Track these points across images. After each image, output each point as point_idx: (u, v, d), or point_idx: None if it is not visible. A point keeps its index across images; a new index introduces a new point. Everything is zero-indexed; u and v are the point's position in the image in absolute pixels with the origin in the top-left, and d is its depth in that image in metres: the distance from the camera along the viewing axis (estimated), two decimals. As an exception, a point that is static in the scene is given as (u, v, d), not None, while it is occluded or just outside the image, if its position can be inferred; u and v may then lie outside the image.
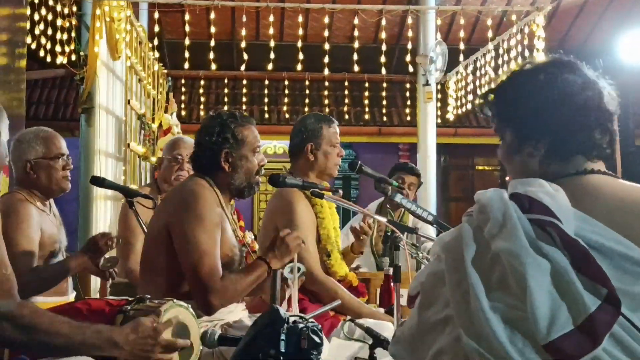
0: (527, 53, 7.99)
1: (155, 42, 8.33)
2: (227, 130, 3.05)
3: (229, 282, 2.89)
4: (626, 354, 1.47)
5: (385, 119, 12.75)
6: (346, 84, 12.38)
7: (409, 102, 11.95)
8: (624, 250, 1.52)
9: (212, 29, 8.01)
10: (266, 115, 12.42)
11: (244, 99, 12.12)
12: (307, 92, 12.04)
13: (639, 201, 1.63)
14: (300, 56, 7.79)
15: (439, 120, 10.51)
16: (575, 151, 1.71)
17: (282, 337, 1.81)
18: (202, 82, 11.89)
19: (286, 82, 12.34)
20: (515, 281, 1.50)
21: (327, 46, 8.18)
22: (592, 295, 1.46)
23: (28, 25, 5.82)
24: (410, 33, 9.21)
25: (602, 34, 12.19)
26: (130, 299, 2.39)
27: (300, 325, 1.84)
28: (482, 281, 1.54)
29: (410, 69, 9.33)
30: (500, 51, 8.59)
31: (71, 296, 3.55)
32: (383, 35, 8.38)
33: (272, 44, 7.74)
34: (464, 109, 10.60)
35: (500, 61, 8.64)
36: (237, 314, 3.02)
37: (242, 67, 8.45)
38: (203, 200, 2.94)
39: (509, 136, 1.78)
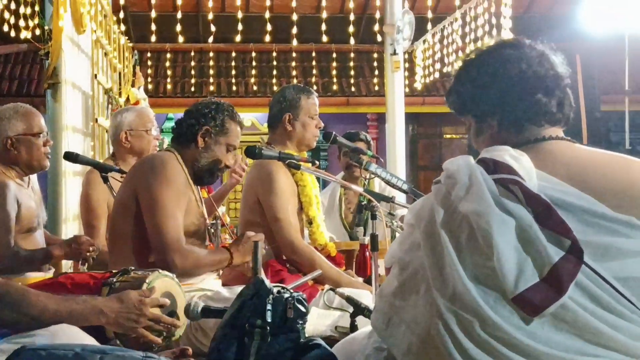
0: (494, 20, 8.01)
1: (121, 15, 8.20)
2: (220, 114, 3.13)
3: (192, 251, 2.95)
4: (592, 301, 1.55)
5: (353, 89, 12.73)
6: (314, 54, 12.33)
7: (376, 72, 11.94)
8: (585, 204, 1.60)
9: (178, 1, 7.92)
10: (234, 88, 12.33)
11: (211, 72, 12.04)
12: (275, 63, 11.97)
13: (595, 161, 1.72)
14: (268, 27, 7.72)
15: (407, 90, 10.51)
16: (524, 120, 1.81)
17: (268, 307, 1.82)
18: (168, 55, 11.77)
19: (253, 54, 12.26)
20: (483, 240, 1.58)
21: (294, 17, 8.11)
22: (556, 247, 1.55)
23: (-9, 0, 5.71)
24: (377, 2, 9.17)
25: (567, 0, 12.23)
26: (114, 271, 2.39)
27: (286, 295, 1.85)
28: (452, 243, 1.63)
29: (378, 38, 9.31)
30: (468, 19, 8.59)
31: (49, 272, 3.52)
32: (350, 4, 8.34)
33: (239, 15, 7.66)
34: (431, 78, 10.61)
35: (467, 29, 8.65)
36: (210, 282, 3.06)
37: (210, 40, 8.36)
38: (170, 167, 3.01)
39: (471, 123, 1.91)
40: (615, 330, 1.54)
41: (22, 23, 6.70)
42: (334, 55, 11.86)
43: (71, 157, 3.97)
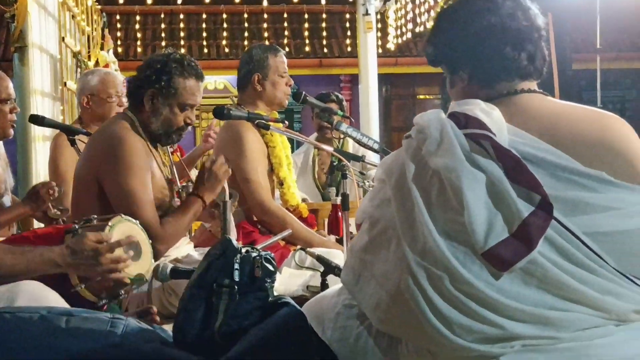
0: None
1: (87, -24, 8.05)
2: (165, 73, 2.94)
3: (169, 226, 2.87)
4: (561, 255, 1.56)
5: (325, 50, 12.66)
6: (285, 15, 12.24)
7: (349, 33, 11.88)
8: (555, 159, 1.60)
9: (146, -39, 7.79)
10: (205, 50, 12.24)
11: (182, 34, 11.89)
12: (246, 25, 11.88)
13: (567, 115, 1.71)
14: (238, -12, 7.64)
15: (380, 51, 10.47)
16: (493, 74, 1.78)
17: (236, 266, 1.81)
18: (137, 18, 11.59)
19: (224, 16, 12.11)
20: (453, 195, 1.58)
21: (265, -23, 8.02)
22: (526, 202, 1.55)
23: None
24: (348, -39, 9.09)
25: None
26: (76, 220, 2.36)
27: (254, 254, 1.84)
28: (422, 198, 1.62)
29: (350, -2, 9.24)
30: (439, -22, 8.54)
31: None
32: (321, -36, 8.26)
33: (208, -25, 7.56)
34: (404, 38, 10.57)
35: (439, -12, 8.60)
36: (183, 248, 3.02)
37: (179, 1, 8.25)
38: (128, 145, 2.87)
39: (446, 72, 1.88)
40: (583, 285, 1.55)
41: (-15, -15, 6.53)
42: (306, 16, 11.76)
43: (37, 120, 3.90)
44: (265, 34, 11.95)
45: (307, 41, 12.08)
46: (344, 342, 1.82)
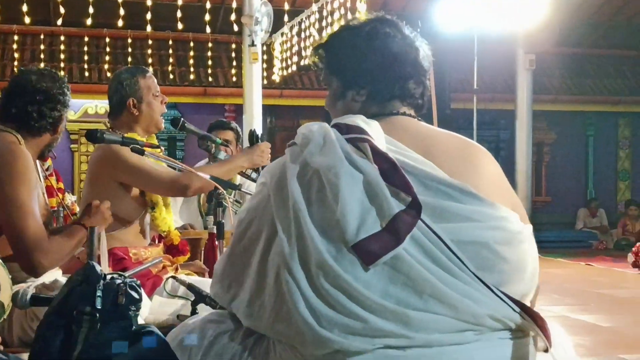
0: (350, 15, 8.13)
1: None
2: (66, 92, 2.95)
3: (56, 244, 2.75)
4: (427, 257, 1.63)
5: (210, 79, 12.58)
6: (170, 42, 12.13)
7: (234, 63, 11.88)
8: (425, 168, 1.72)
9: (26, -21, 7.57)
10: (86, 74, 11.95)
11: (62, 56, 11.59)
12: (130, 50, 11.68)
13: (438, 135, 1.87)
14: (122, 12, 7.51)
15: (265, 82, 10.52)
16: (392, 97, 1.90)
17: (98, 293, 1.75)
18: (15, 37, 11.24)
19: (107, 40, 11.90)
20: (331, 192, 1.65)
21: (149, 2, 7.92)
22: (398, 201, 1.64)
23: None
24: (235, -8, 9.12)
25: (421, 0, 12.59)
26: None
27: (118, 281, 1.78)
28: (303, 195, 1.68)
29: (236, 28, 9.25)
30: (324, 13, 8.70)
31: None
32: (208, -7, 8.25)
33: (90, -3, 7.42)
34: (289, 71, 10.69)
35: (324, 23, 8.76)
36: (51, 274, 2.90)
37: (59, 22, 8.03)
38: (22, 159, 2.77)
39: (335, 84, 1.95)
40: (445, 285, 1.61)
41: None
42: (192, 44, 11.70)
43: None
44: (150, 60, 11.79)
45: (192, 69, 12.00)
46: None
